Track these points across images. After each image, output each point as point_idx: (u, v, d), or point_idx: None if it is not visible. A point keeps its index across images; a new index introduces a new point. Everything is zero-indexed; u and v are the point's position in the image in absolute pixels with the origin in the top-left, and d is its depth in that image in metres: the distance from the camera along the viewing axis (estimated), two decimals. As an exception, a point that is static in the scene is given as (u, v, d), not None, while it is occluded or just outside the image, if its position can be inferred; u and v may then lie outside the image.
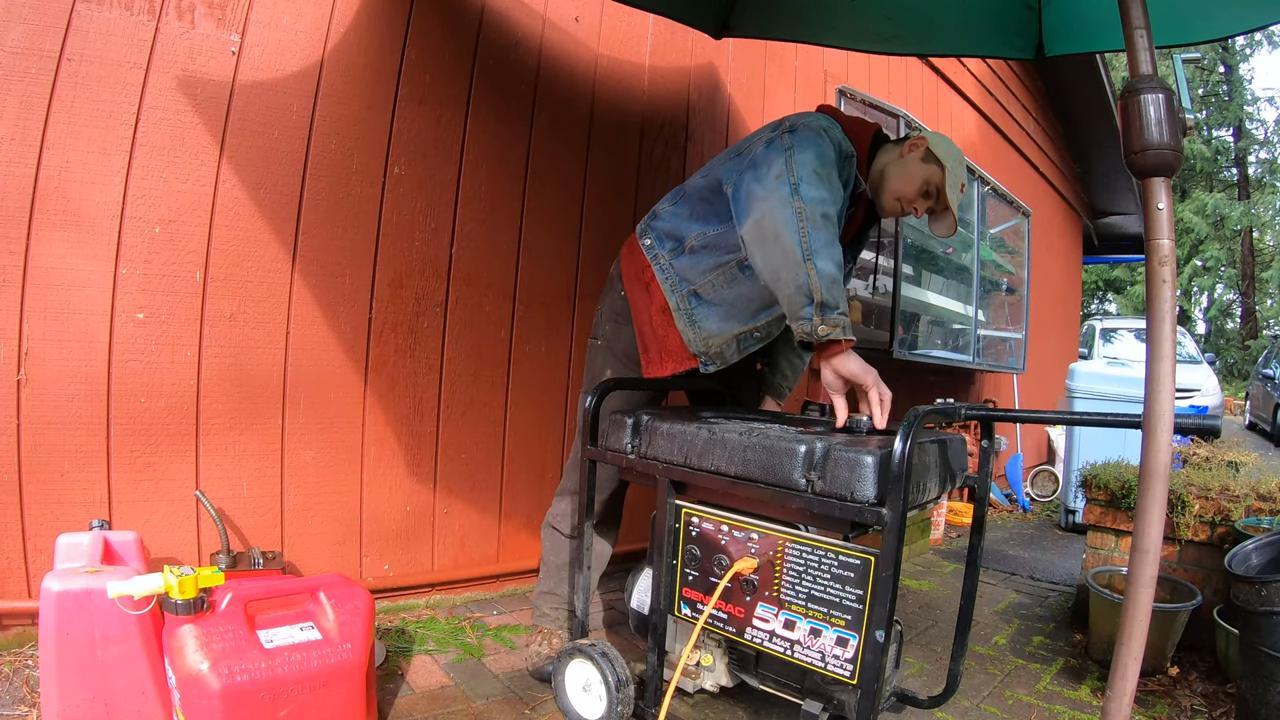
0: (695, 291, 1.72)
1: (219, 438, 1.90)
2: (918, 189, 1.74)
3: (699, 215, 1.74)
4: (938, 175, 1.72)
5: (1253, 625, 1.72)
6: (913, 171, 1.74)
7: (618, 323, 1.86)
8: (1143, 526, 1.15)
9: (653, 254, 1.77)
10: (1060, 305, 7.45)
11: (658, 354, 1.78)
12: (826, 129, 1.63)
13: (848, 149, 1.68)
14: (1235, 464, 3.72)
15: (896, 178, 1.75)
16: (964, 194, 1.74)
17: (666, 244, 1.76)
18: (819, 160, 1.53)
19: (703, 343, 1.74)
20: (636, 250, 1.82)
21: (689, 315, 1.73)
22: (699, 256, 1.71)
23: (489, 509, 2.44)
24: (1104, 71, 5.69)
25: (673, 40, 2.82)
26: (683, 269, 1.73)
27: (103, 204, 1.72)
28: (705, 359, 1.77)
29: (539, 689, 1.82)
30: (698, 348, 1.75)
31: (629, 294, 1.82)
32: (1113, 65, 7.95)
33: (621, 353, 1.85)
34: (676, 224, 1.77)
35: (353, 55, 2.05)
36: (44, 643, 1.31)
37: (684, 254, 1.73)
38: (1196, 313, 21.93)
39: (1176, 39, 2.03)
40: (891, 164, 1.76)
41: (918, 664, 2.15)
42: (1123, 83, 1.24)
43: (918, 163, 1.74)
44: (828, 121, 1.68)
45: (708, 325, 1.73)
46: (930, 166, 1.73)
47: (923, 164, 1.73)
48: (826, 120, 1.68)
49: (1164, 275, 1.15)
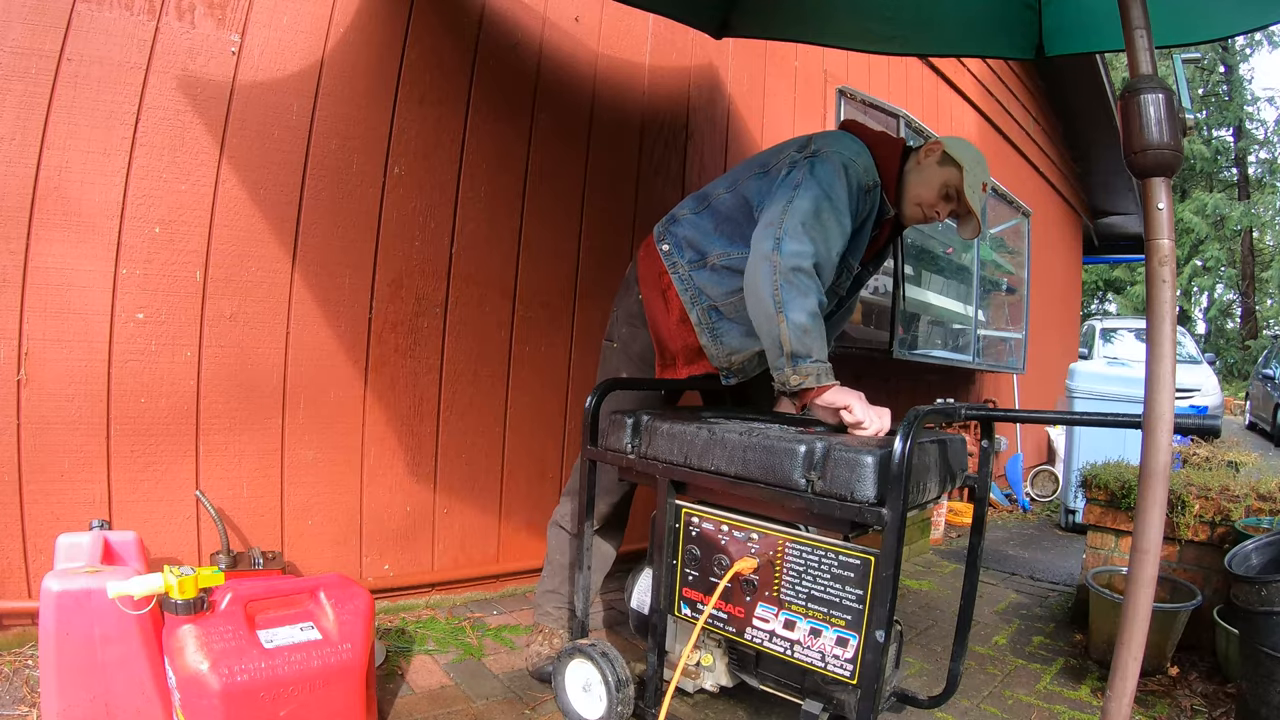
0: (716, 307, 1.72)
1: (219, 438, 1.90)
2: (937, 193, 1.73)
3: (725, 234, 1.73)
4: (955, 177, 1.71)
5: (1253, 625, 1.72)
6: (930, 176, 1.73)
7: (634, 326, 1.85)
8: (1143, 526, 1.15)
9: (670, 261, 1.76)
10: (1060, 305, 7.45)
11: (674, 359, 1.79)
12: (850, 162, 1.62)
13: (870, 181, 1.67)
14: (1235, 464, 3.72)
15: (915, 184, 1.74)
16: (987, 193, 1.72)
17: (686, 253, 1.75)
18: (817, 206, 1.54)
19: (725, 358, 1.75)
20: (654, 254, 1.80)
21: (711, 330, 1.73)
22: (721, 276, 1.71)
23: (489, 509, 2.44)
24: (1104, 71, 5.69)
25: (673, 40, 2.82)
26: (703, 283, 1.73)
27: (103, 204, 1.72)
28: (727, 373, 1.78)
29: (539, 689, 1.82)
30: (720, 362, 1.76)
31: (645, 300, 1.81)
32: (1113, 65, 7.96)
33: (637, 357, 1.85)
34: (699, 236, 1.75)
35: (353, 55, 2.05)
36: (44, 643, 1.31)
37: (705, 269, 1.73)
38: (1196, 313, 21.93)
39: (1176, 39, 2.03)
40: (910, 172, 1.75)
41: (918, 664, 2.15)
42: (1123, 83, 1.24)
43: (935, 167, 1.73)
44: (856, 149, 1.66)
45: (730, 341, 1.73)
46: (948, 169, 1.72)
47: (940, 167, 1.72)
48: (855, 148, 1.66)
49: (1164, 275, 1.15)
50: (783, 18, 2.49)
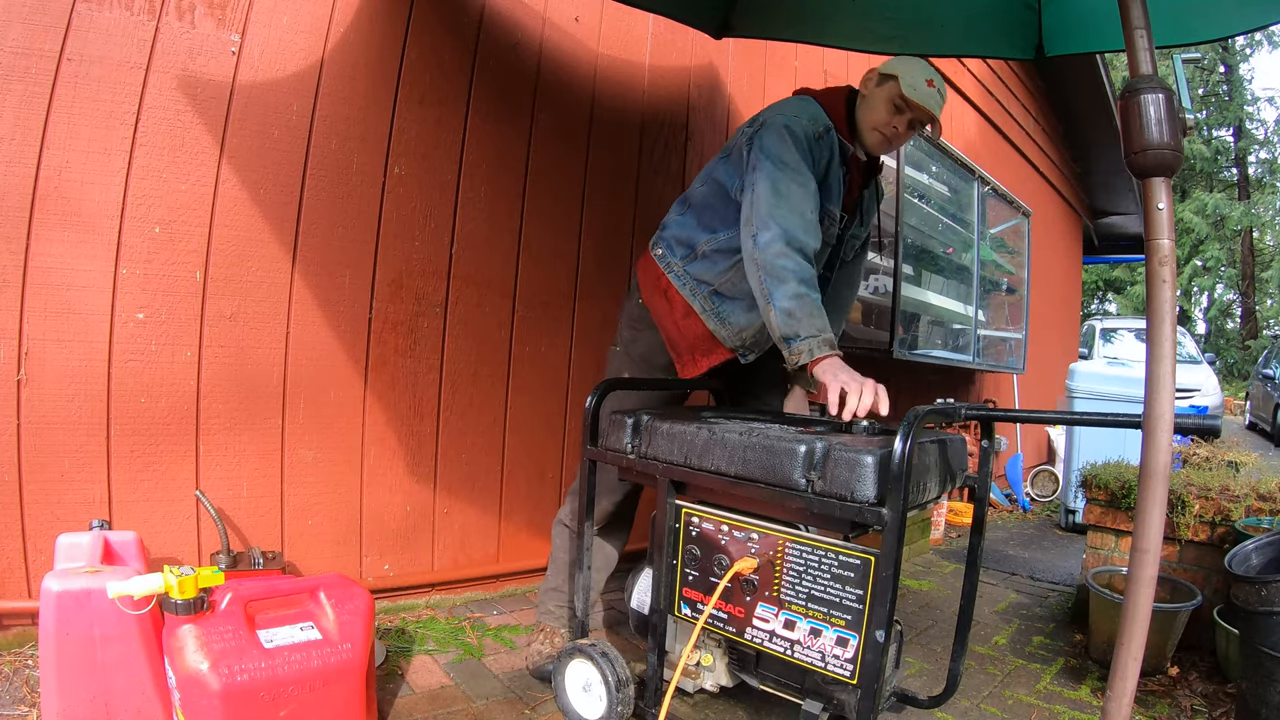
0: (716, 290, 1.77)
1: (219, 438, 1.90)
2: (886, 110, 1.77)
3: (706, 222, 1.79)
4: (895, 88, 1.75)
5: (1253, 625, 1.72)
6: (874, 100, 1.79)
7: (635, 329, 1.90)
8: (1143, 526, 1.15)
9: (666, 263, 1.83)
10: (1060, 305, 7.45)
11: (689, 354, 1.82)
12: (792, 119, 1.69)
13: (819, 128, 1.72)
14: (1235, 464, 3.72)
15: (866, 114, 1.81)
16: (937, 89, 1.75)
17: (678, 251, 1.82)
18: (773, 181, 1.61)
19: (736, 336, 1.79)
20: (650, 261, 1.87)
21: (716, 314, 1.78)
22: (714, 260, 1.77)
23: (489, 509, 2.44)
24: (1104, 71, 5.69)
25: (673, 40, 2.82)
26: (698, 273, 1.78)
27: (103, 204, 1.72)
28: (743, 350, 1.82)
29: (539, 689, 1.82)
30: (733, 342, 1.80)
31: (648, 303, 1.87)
32: (1113, 65, 7.95)
33: (639, 358, 1.89)
34: (686, 232, 1.82)
35: (353, 55, 2.05)
36: (44, 643, 1.31)
37: (696, 260, 1.79)
38: (1196, 313, 21.93)
39: (1176, 39, 2.03)
40: (859, 107, 1.82)
41: (918, 664, 2.15)
42: (1123, 83, 1.24)
43: (876, 90, 1.79)
44: (797, 107, 1.74)
45: (736, 319, 1.77)
46: (887, 85, 1.77)
47: (880, 88, 1.78)
48: (796, 106, 1.74)
49: (1164, 275, 1.15)
50: (783, 18, 2.49)
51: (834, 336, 1.55)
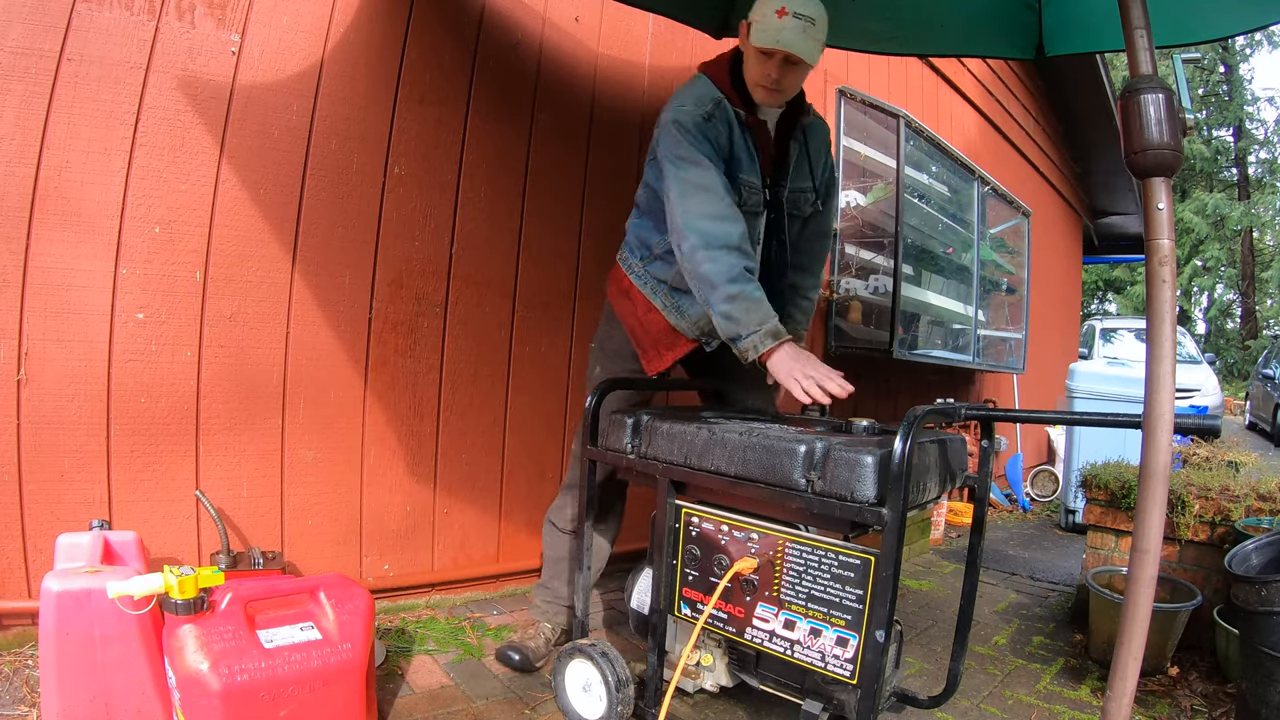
0: (674, 287, 1.82)
1: (219, 438, 1.90)
2: (756, 60, 1.70)
3: (656, 224, 1.83)
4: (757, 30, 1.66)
5: (1253, 625, 1.72)
6: (747, 53, 1.74)
7: (609, 325, 1.96)
8: (1143, 526, 1.15)
9: (627, 264, 1.89)
10: (1060, 305, 7.44)
11: (654, 349, 1.86)
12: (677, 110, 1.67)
13: (707, 107, 1.68)
14: (1235, 464, 3.72)
15: (746, 71, 1.75)
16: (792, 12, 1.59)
17: (638, 252, 1.88)
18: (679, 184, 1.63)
19: (694, 326, 1.82)
20: (616, 267, 1.94)
21: (675, 308, 1.82)
22: (666, 260, 1.81)
23: (489, 509, 2.44)
24: (1104, 71, 5.69)
25: (673, 40, 2.82)
26: (657, 272, 1.84)
27: (103, 204, 1.72)
28: (704, 339, 1.85)
29: (539, 689, 1.82)
30: (693, 333, 1.83)
31: (613, 303, 1.94)
32: (1113, 65, 7.95)
33: (612, 353, 1.94)
34: (642, 233, 1.87)
35: (353, 55, 2.05)
36: (44, 643, 1.31)
37: (656, 260, 1.84)
38: (1196, 313, 21.92)
39: (1176, 39, 2.03)
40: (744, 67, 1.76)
41: (918, 664, 2.15)
42: (1123, 83, 1.24)
43: (748, 44, 1.71)
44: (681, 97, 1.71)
45: (692, 310, 1.80)
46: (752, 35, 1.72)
47: (750, 41, 1.70)
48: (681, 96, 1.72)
49: (1164, 275, 1.15)
50: (783, 18, 2.49)
51: (777, 325, 1.57)
